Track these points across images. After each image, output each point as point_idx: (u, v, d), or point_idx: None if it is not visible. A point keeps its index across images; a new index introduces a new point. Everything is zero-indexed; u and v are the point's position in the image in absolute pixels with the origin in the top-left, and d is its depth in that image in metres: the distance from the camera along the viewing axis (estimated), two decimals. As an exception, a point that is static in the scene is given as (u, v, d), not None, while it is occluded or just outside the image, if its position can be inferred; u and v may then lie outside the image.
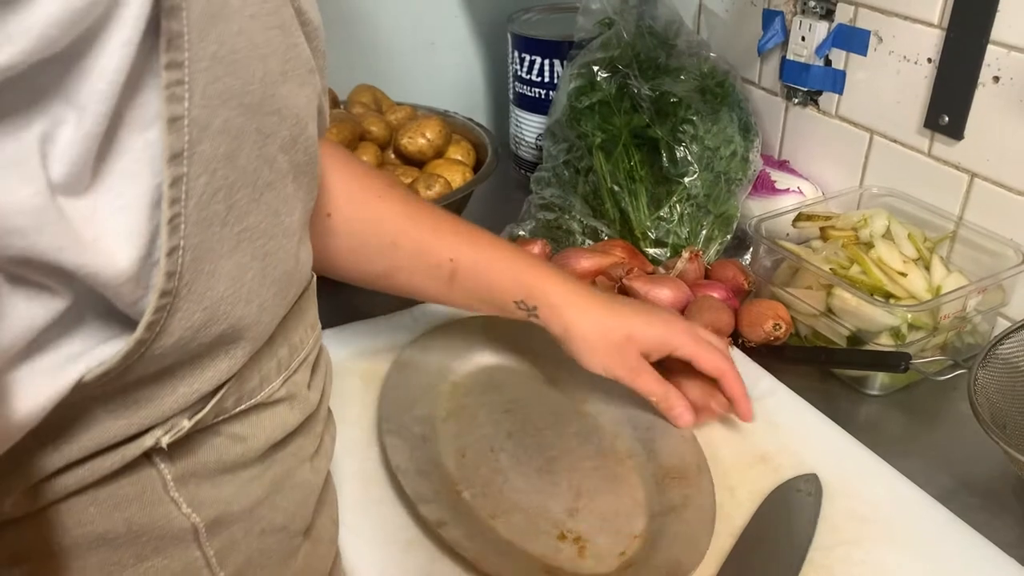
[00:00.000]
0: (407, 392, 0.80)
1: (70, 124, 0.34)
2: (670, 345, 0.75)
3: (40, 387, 0.37)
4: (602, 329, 0.74)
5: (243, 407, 0.47)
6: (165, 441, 0.43)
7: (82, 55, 0.33)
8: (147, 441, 0.43)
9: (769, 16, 1.09)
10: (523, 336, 0.84)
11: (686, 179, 1.02)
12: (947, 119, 0.91)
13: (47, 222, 0.34)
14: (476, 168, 1.13)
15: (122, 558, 0.45)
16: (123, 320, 0.39)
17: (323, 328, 0.91)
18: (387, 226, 0.72)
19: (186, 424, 0.44)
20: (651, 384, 0.75)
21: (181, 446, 0.45)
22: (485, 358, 0.86)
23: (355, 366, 0.86)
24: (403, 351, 0.84)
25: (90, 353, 0.39)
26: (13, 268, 0.35)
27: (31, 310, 0.36)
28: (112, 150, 0.36)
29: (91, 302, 0.38)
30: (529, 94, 1.24)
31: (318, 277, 0.58)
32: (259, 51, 0.40)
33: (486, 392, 0.83)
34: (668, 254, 1.03)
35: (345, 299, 0.94)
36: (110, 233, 0.36)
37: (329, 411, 0.62)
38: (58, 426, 0.40)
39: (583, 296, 0.75)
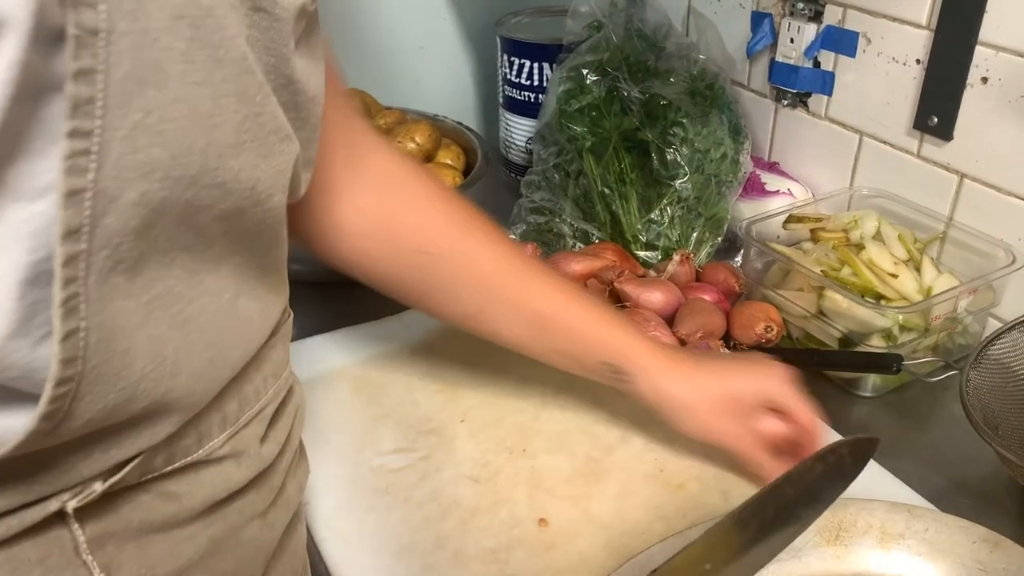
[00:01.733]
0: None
1: None
2: (767, 392, 0.70)
3: None
4: (697, 389, 0.70)
5: (176, 466, 0.43)
6: (72, 506, 0.39)
7: None
8: (51, 505, 0.39)
9: (758, 18, 1.09)
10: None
11: (676, 182, 1.02)
12: (936, 120, 0.91)
13: None
14: (466, 172, 1.13)
15: None
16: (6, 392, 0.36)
17: (311, 335, 0.91)
18: (483, 268, 0.69)
19: (98, 487, 0.40)
20: (755, 455, 0.70)
21: (98, 505, 0.41)
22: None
23: (345, 373, 0.85)
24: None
25: None
26: None
27: None
28: None
29: None
30: (518, 97, 1.24)
31: (298, 284, 0.54)
32: (204, 121, 0.36)
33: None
34: (659, 257, 1.03)
35: (331, 305, 0.94)
36: None
37: (301, 451, 0.57)
38: None
39: (673, 358, 0.71)
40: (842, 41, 1.00)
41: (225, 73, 0.36)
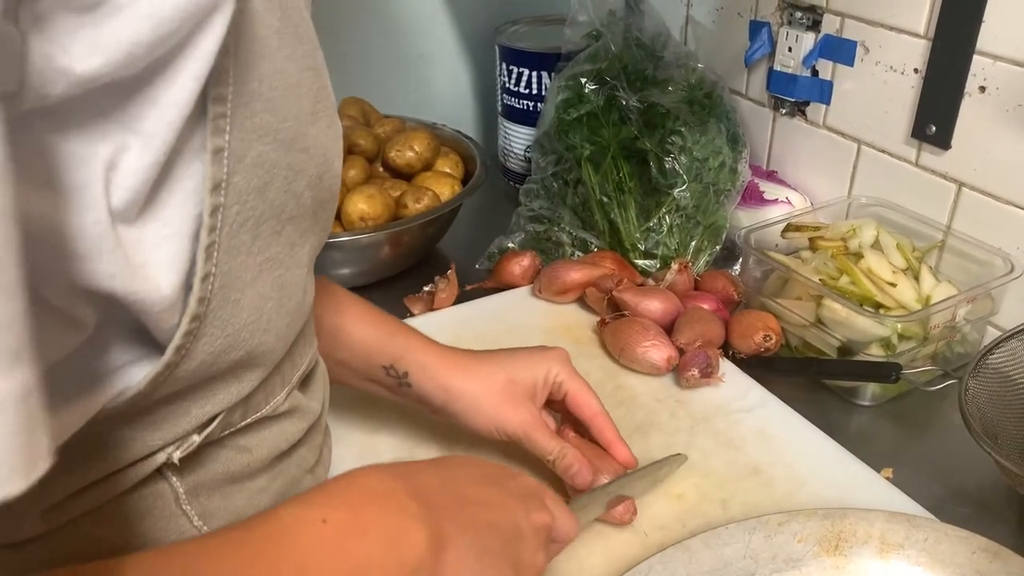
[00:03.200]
0: None
1: (134, 152, 0.34)
2: (551, 373, 0.71)
3: (65, 411, 0.37)
4: (483, 380, 0.69)
5: (249, 421, 0.49)
6: (177, 456, 0.44)
7: (150, 83, 0.34)
8: (160, 458, 0.44)
9: (756, 27, 1.10)
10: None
11: (675, 190, 1.02)
12: (934, 129, 0.91)
13: (105, 249, 0.34)
14: (465, 181, 1.13)
15: None
16: (145, 344, 0.40)
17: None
18: None
19: (196, 439, 0.45)
20: (546, 440, 0.69)
21: (190, 459, 0.46)
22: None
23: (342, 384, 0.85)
24: None
25: (114, 377, 0.39)
26: (59, 297, 0.34)
27: (57, 338, 0.36)
28: (166, 179, 0.37)
29: (117, 329, 0.39)
30: (517, 106, 1.24)
31: None
32: (294, 90, 0.41)
33: None
34: (658, 265, 1.03)
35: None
36: (155, 261, 0.37)
37: (326, 424, 0.63)
38: (75, 450, 0.40)
39: (456, 355, 0.71)
40: (840, 50, 1.00)
41: (304, 48, 0.42)
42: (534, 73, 1.20)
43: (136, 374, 0.40)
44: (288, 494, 0.53)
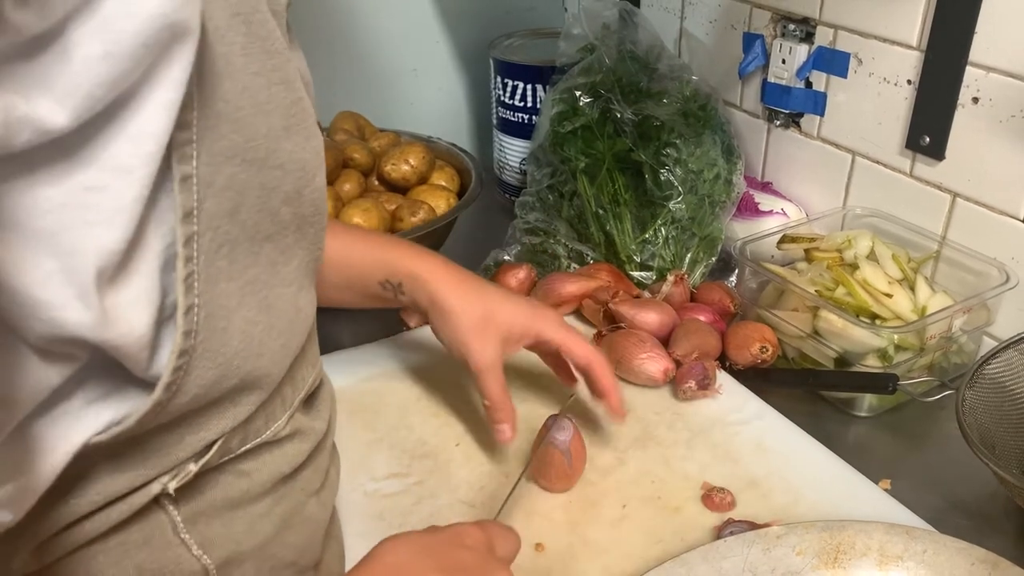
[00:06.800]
0: None
1: (112, 190, 0.33)
2: (535, 330, 0.74)
3: (51, 447, 0.37)
4: (464, 302, 0.72)
5: (249, 447, 0.48)
6: (172, 487, 0.43)
7: (119, 117, 0.33)
8: (154, 488, 0.43)
9: (750, 39, 1.10)
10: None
11: (670, 202, 1.02)
12: (928, 140, 0.92)
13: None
14: (460, 194, 1.13)
15: None
16: (121, 376, 0.38)
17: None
18: None
19: (192, 468, 0.44)
20: (492, 386, 0.72)
21: (187, 487, 0.45)
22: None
23: (339, 396, 0.84)
24: None
25: (98, 409, 0.38)
26: (37, 342, 0.33)
27: (43, 373, 0.35)
28: None
29: (99, 362, 0.37)
30: (512, 119, 1.24)
31: None
32: (263, 107, 0.40)
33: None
34: (654, 277, 1.02)
35: (323, 328, 0.93)
36: (126, 302, 0.35)
37: (333, 444, 0.62)
38: (66, 483, 0.39)
39: (451, 271, 0.74)
40: (833, 62, 1.00)
41: (274, 63, 0.41)
42: (529, 86, 1.21)
43: (118, 407, 0.38)
44: (292, 519, 0.52)
